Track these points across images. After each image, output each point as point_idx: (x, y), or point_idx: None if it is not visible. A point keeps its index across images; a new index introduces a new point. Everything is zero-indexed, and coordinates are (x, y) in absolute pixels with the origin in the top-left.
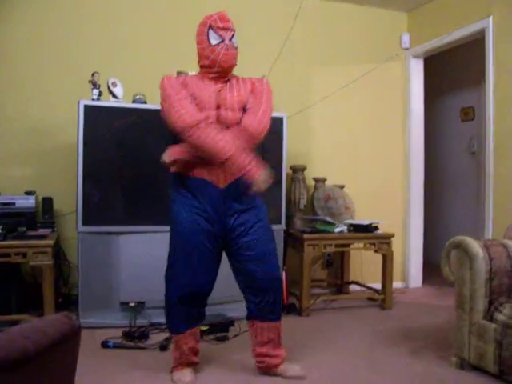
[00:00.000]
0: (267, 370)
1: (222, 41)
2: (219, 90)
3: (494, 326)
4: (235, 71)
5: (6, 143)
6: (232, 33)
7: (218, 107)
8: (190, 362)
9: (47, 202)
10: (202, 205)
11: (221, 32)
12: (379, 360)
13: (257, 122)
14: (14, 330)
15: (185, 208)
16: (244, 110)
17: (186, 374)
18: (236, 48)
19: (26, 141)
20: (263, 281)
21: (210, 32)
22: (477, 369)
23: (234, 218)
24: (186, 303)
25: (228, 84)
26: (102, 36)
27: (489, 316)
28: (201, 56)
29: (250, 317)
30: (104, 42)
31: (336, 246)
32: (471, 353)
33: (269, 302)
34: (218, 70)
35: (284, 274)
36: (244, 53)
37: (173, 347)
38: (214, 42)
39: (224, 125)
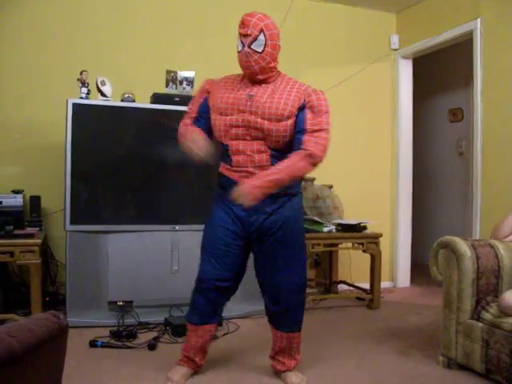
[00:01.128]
0: (275, 373)
1: (243, 47)
2: (250, 94)
3: (480, 325)
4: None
5: None
6: (252, 38)
7: (244, 112)
8: (192, 359)
9: (35, 201)
10: (229, 203)
11: (242, 38)
12: (367, 359)
13: (321, 149)
14: (0, 329)
15: (216, 204)
16: (281, 119)
17: (176, 373)
18: (259, 52)
19: (13, 139)
20: (272, 291)
21: (238, 37)
22: (464, 368)
23: (257, 222)
24: (204, 296)
25: (269, 88)
26: (90, 34)
27: (476, 315)
28: None
29: (268, 320)
30: (92, 40)
31: (324, 245)
32: (458, 352)
33: (277, 312)
34: (246, 76)
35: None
36: (233, 51)
37: (185, 338)
38: (239, 48)
39: (259, 132)
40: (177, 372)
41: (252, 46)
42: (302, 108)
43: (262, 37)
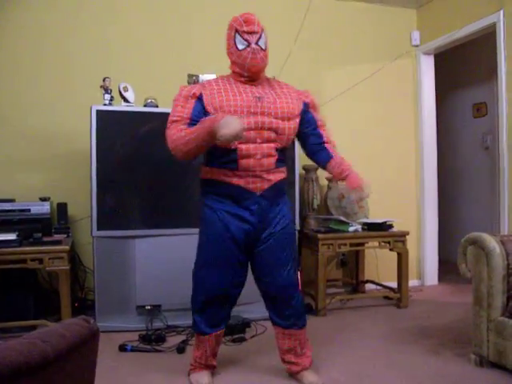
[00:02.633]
0: (290, 375)
1: (249, 45)
2: (259, 96)
3: None
4: None
5: (19, 150)
6: (258, 35)
7: (256, 113)
8: (209, 364)
9: (62, 208)
10: (235, 211)
11: (246, 36)
12: (397, 359)
13: (330, 135)
14: (32, 335)
15: (217, 212)
16: (292, 117)
17: (203, 376)
18: (264, 49)
19: (39, 147)
20: (272, 289)
21: (237, 36)
22: (496, 366)
23: (259, 218)
24: (211, 305)
25: (269, 89)
26: (112, 41)
27: (507, 312)
28: (230, 60)
29: (272, 322)
30: (115, 46)
31: (351, 245)
32: (490, 350)
33: (285, 309)
34: (247, 74)
35: (299, 275)
36: None
37: (194, 347)
38: (240, 46)
39: (273, 133)
40: (201, 377)
41: (259, 43)
42: (305, 108)
43: (263, 35)
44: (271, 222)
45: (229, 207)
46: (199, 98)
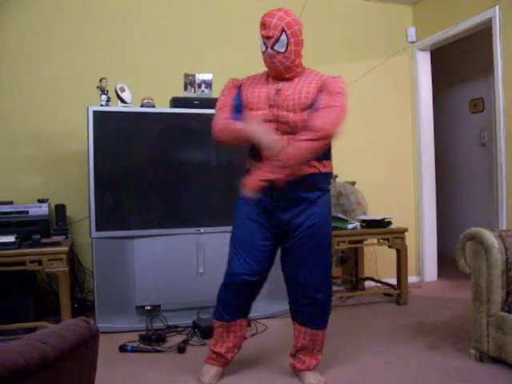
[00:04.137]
0: (294, 371)
1: (266, 49)
2: (278, 89)
3: None
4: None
5: (16, 152)
6: (274, 39)
7: (273, 106)
8: (222, 355)
9: (60, 209)
10: (260, 199)
11: (264, 40)
12: (398, 355)
13: (323, 122)
14: (32, 336)
15: (246, 202)
16: (305, 108)
17: (208, 371)
18: (281, 52)
19: (37, 149)
20: (292, 286)
21: (260, 38)
22: (497, 361)
23: (283, 210)
24: (228, 291)
25: (295, 81)
26: (107, 42)
27: (507, 307)
28: None
29: (292, 317)
30: (111, 47)
31: (349, 242)
32: (490, 345)
33: (306, 307)
34: (272, 73)
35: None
36: (250, 52)
37: (213, 334)
38: (262, 49)
39: (286, 125)
40: (207, 372)
41: (275, 48)
42: (319, 92)
43: (283, 37)
44: (297, 218)
45: (258, 198)
46: (239, 88)
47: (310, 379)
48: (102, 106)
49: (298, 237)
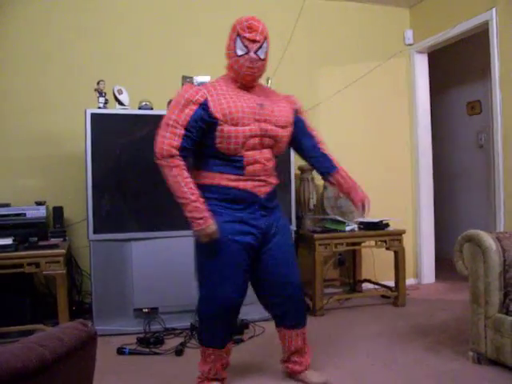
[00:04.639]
0: (291, 375)
1: (247, 52)
2: (260, 104)
3: (510, 318)
4: None
5: (14, 154)
6: (259, 44)
7: (259, 121)
8: (220, 377)
9: (58, 212)
10: (246, 215)
11: (247, 43)
12: (396, 357)
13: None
14: (30, 339)
15: (225, 219)
16: (287, 125)
17: None
18: (263, 59)
19: (34, 151)
20: (288, 285)
21: (237, 40)
22: (494, 363)
23: (265, 221)
24: (224, 317)
25: (264, 96)
26: (107, 44)
27: (504, 309)
28: (228, 62)
29: (278, 324)
30: (108, 49)
31: (347, 244)
32: (488, 347)
33: (293, 307)
34: (241, 81)
35: None
36: None
37: (201, 360)
38: (239, 52)
39: (273, 139)
40: None
41: (258, 53)
42: (297, 116)
43: (265, 44)
44: (274, 224)
45: (234, 212)
46: (202, 105)
47: (313, 378)
48: (99, 108)
49: (278, 236)
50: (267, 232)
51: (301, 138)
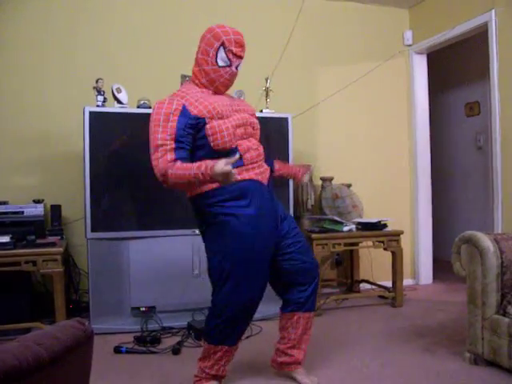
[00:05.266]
0: (282, 370)
1: (229, 66)
2: (233, 107)
3: (507, 320)
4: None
5: (12, 152)
6: (241, 61)
7: (240, 111)
8: (220, 375)
9: (56, 210)
10: (255, 207)
11: (231, 56)
12: (393, 358)
13: None
14: (26, 337)
15: (239, 218)
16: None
17: None
18: (236, 73)
19: (32, 149)
20: (312, 269)
21: (220, 50)
22: (491, 364)
23: (275, 205)
24: (243, 317)
25: (234, 100)
26: (104, 42)
27: (501, 310)
28: (199, 66)
29: (294, 310)
30: (107, 48)
31: (345, 244)
32: (485, 348)
33: (314, 289)
34: (214, 88)
35: None
36: (247, 55)
37: (203, 357)
38: (220, 62)
39: (251, 128)
40: None
41: (238, 68)
42: None
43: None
44: (280, 208)
45: (248, 210)
46: (182, 112)
47: (304, 378)
48: (98, 106)
49: (286, 221)
50: (280, 216)
51: None
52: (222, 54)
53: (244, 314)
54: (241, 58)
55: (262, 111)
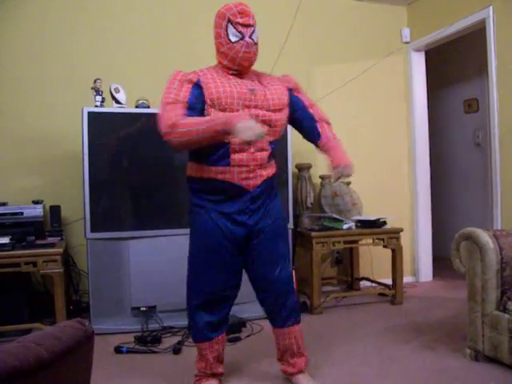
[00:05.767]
0: (285, 376)
1: (242, 38)
2: (251, 89)
3: (507, 316)
4: None
5: (11, 153)
6: (253, 28)
7: (249, 107)
8: (216, 372)
9: (55, 211)
10: (228, 210)
11: (240, 28)
12: (392, 355)
13: (322, 112)
14: (27, 338)
15: (209, 213)
16: (283, 108)
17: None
18: (256, 43)
19: (31, 150)
20: (274, 283)
21: (229, 27)
22: (492, 360)
23: (253, 218)
24: (206, 309)
25: (257, 81)
26: (102, 42)
27: (501, 306)
28: (218, 51)
29: (270, 323)
30: (105, 48)
31: (345, 242)
32: (485, 344)
33: (280, 305)
34: (237, 68)
35: (294, 273)
36: None
37: (197, 357)
38: (233, 38)
39: (267, 124)
40: None
41: (252, 37)
42: (291, 94)
43: (256, 28)
44: (263, 218)
45: (221, 207)
46: (196, 84)
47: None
48: (96, 106)
49: (265, 232)
50: (255, 227)
51: (299, 119)
52: (231, 29)
53: (208, 306)
54: (250, 26)
55: None
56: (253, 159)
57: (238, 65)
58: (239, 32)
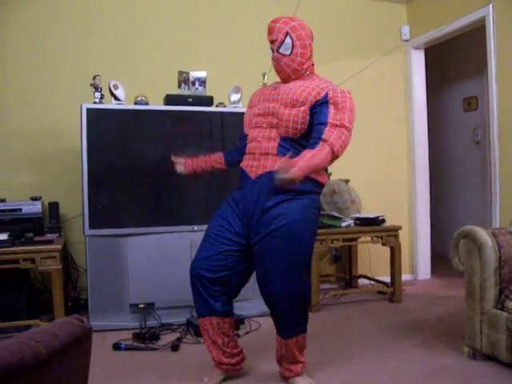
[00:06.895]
0: (283, 379)
1: (273, 53)
2: (276, 87)
3: (505, 314)
4: None
5: (9, 149)
6: (278, 43)
7: (268, 100)
8: (218, 361)
9: (53, 207)
10: (236, 194)
11: (270, 45)
12: (391, 353)
13: (341, 145)
14: (25, 335)
15: (227, 197)
16: (296, 104)
17: (208, 376)
18: (287, 55)
19: (30, 146)
20: (268, 296)
21: (269, 47)
22: (490, 358)
23: (255, 219)
24: (192, 284)
25: (299, 83)
26: (102, 39)
27: (500, 304)
28: None
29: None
30: (103, 44)
31: (343, 240)
32: (483, 342)
33: (277, 317)
34: (281, 77)
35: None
36: (247, 51)
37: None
38: (270, 55)
39: (274, 118)
40: (209, 375)
41: (280, 51)
42: (323, 102)
43: (288, 40)
44: (265, 219)
45: (236, 194)
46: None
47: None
48: (95, 103)
49: (266, 239)
50: (251, 222)
51: (313, 127)
52: (269, 48)
53: (191, 280)
54: (274, 41)
55: None
56: (259, 147)
57: (279, 76)
58: (271, 49)
